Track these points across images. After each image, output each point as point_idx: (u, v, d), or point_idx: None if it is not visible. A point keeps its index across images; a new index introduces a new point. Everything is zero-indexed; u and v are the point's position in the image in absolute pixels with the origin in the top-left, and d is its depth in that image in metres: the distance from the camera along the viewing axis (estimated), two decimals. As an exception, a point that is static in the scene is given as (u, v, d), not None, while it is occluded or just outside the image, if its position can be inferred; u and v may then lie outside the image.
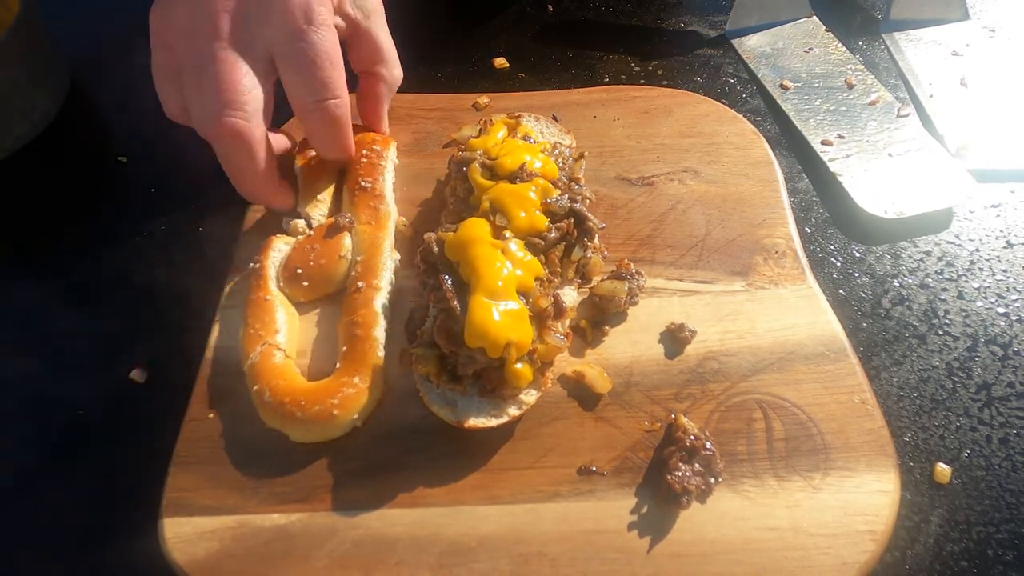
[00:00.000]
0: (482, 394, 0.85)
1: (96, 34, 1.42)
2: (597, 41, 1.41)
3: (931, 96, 1.27)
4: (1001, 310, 1.02)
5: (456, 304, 0.84)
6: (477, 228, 0.89)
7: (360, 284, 0.95)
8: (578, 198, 0.96)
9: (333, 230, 1.01)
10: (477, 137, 1.06)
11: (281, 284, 0.98)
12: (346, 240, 1.00)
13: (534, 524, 0.81)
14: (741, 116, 1.21)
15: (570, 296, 0.95)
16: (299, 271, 0.97)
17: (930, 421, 0.93)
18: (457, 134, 1.11)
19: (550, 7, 1.48)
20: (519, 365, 0.84)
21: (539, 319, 0.87)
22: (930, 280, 1.06)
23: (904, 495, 0.86)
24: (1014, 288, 1.04)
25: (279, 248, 1.00)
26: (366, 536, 0.81)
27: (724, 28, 1.41)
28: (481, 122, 1.09)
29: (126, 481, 0.89)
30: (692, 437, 0.85)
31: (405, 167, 1.15)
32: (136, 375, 0.97)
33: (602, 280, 0.98)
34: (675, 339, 0.95)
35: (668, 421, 0.88)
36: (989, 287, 1.05)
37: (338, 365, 0.90)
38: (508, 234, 0.90)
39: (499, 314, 0.83)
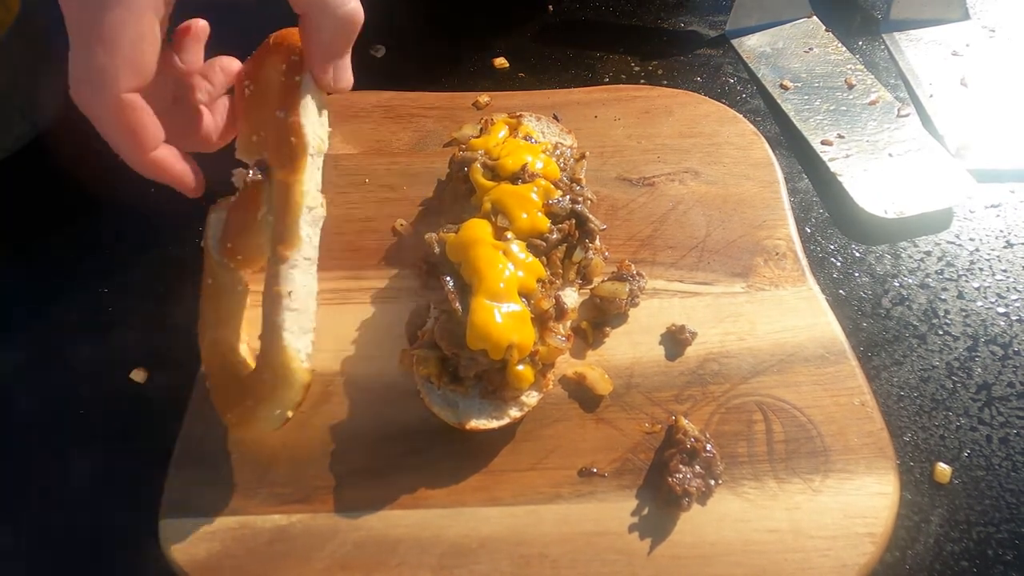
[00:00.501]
0: (483, 396, 0.85)
1: (95, 33, 1.41)
2: (597, 41, 1.41)
3: (931, 96, 1.27)
4: (1001, 310, 1.03)
5: (458, 306, 0.84)
6: (479, 229, 0.89)
7: (271, 254, 0.81)
8: (579, 199, 0.96)
9: (250, 184, 0.82)
10: (478, 136, 1.06)
11: (224, 260, 0.85)
12: (264, 194, 0.82)
13: (535, 526, 0.82)
14: (741, 116, 1.21)
15: (571, 297, 0.95)
16: (230, 245, 0.84)
17: (930, 421, 0.93)
18: (458, 133, 1.11)
19: (550, 7, 1.48)
20: (521, 367, 0.84)
21: (541, 321, 0.87)
22: (930, 280, 1.06)
23: (904, 495, 0.86)
24: (1014, 288, 1.05)
25: (218, 219, 0.87)
26: (367, 537, 0.81)
27: (724, 28, 1.41)
28: (482, 121, 1.09)
29: (126, 481, 0.89)
30: (692, 439, 0.85)
31: (405, 166, 1.15)
32: (136, 375, 0.97)
33: (603, 281, 0.98)
34: (676, 340, 0.95)
35: (669, 423, 0.89)
36: (989, 287, 1.05)
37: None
38: (510, 235, 0.90)
39: (501, 316, 0.83)
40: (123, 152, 0.77)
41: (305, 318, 0.81)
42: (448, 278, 0.87)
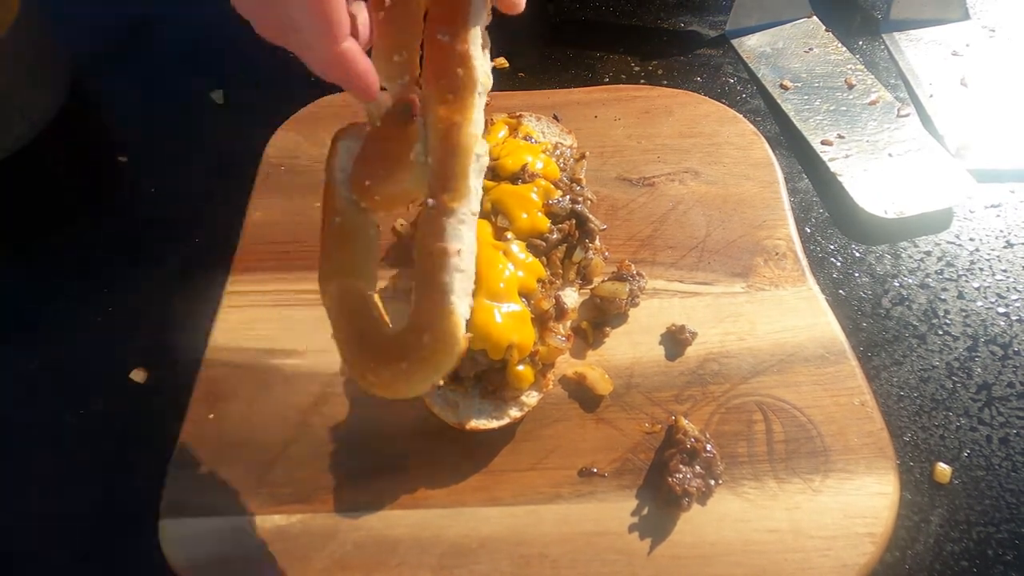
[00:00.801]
0: (483, 396, 0.85)
1: (96, 34, 1.42)
2: (597, 41, 1.41)
3: (931, 96, 1.27)
4: (1001, 310, 1.03)
5: (458, 306, 0.84)
6: (479, 229, 0.89)
7: (430, 201, 0.69)
8: (579, 199, 0.96)
9: (399, 115, 0.71)
10: (477, 137, 1.05)
11: (353, 196, 0.74)
12: (418, 130, 0.71)
13: (535, 526, 0.82)
14: (741, 116, 1.21)
15: (571, 297, 0.95)
16: (367, 183, 0.72)
17: (930, 421, 0.93)
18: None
19: (550, 7, 1.48)
20: (521, 367, 0.84)
21: (541, 321, 0.87)
22: (930, 280, 1.06)
23: (904, 495, 0.86)
24: (1014, 288, 1.05)
25: (348, 148, 0.74)
26: (367, 537, 0.81)
27: (724, 28, 1.41)
28: (481, 121, 1.09)
29: (126, 481, 0.89)
30: (692, 439, 0.85)
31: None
32: (136, 375, 0.97)
33: (603, 281, 0.98)
34: (676, 340, 0.95)
35: (669, 423, 0.88)
36: (989, 287, 1.05)
37: (410, 309, 0.70)
38: (510, 235, 0.90)
39: (501, 316, 0.83)
40: (315, 42, 0.65)
41: (468, 281, 0.69)
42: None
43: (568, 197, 0.95)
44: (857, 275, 1.07)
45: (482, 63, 0.71)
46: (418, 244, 0.69)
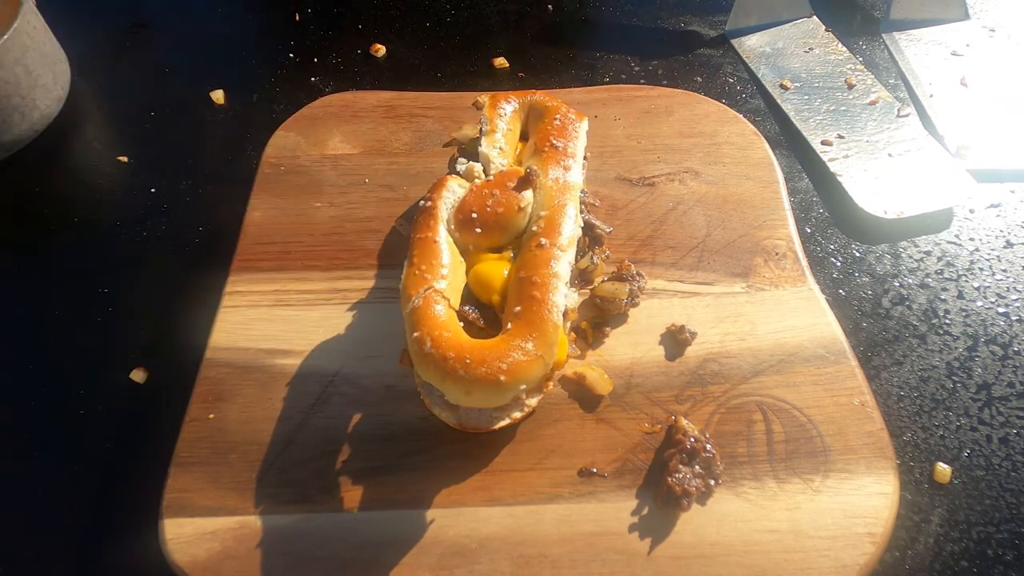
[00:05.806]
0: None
1: (96, 34, 1.42)
2: (597, 41, 1.41)
3: (931, 96, 1.27)
4: (1001, 310, 1.03)
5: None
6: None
7: (543, 241, 0.86)
8: (587, 206, 0.96)
9: (514, 178, 0.92)
10: (478, 136, 1.05)
11: (452, 227, 0.90)
12: (527, 192, 0.91)
13: (535, 526, 0.81)
14: (741, 116, 1.21)
15: (571, 298, 0.95)
16: (474, 216, 0.89)
17: (930, 421, 0.93)
18: (458, 133, 1.11)
19: (550, 7, 1.48)
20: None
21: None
22: (930, 280, 1.06)
23: (904, 495, 0.86)
24: (1014, 288, 1.05)
25: (453, 189, 0.92)
26: (367, 538, 0.81)
27: (724, 28, 1.41)
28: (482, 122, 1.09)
29: (126, 481, 0.89)
30: (692, 439, 0.85)
31: (405, 166, 1.15)
32: (136, 375, 0.97)
33: (603, 282, 0.98)
34: (676, 341, 0.95)
35: (668, 423, 0.89)
36: (989, 287, 1.05)
37: (509, 325, 0.81)
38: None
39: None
40: None
41: (564, 302, 0.85)
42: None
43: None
44: (857, 275, 1.07)
45: (580, 165, 0.96)
46: (526, 269, 0.84)
